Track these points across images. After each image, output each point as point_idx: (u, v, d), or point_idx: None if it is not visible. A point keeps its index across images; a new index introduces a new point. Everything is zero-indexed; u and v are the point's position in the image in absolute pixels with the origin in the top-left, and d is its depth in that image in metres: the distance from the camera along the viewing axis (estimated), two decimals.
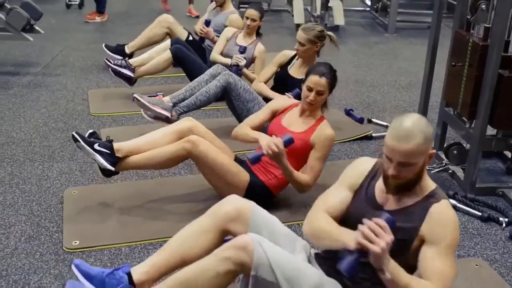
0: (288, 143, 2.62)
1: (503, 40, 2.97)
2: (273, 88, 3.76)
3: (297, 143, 2.75)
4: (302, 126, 2.85)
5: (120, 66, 4.36)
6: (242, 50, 4.10)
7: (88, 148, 2.73)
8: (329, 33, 3.63)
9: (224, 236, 2.08)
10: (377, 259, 1.67)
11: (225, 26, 4.63)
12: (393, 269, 1.71)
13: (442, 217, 1.83)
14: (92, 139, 2.80)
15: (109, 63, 4.34)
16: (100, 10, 6.97)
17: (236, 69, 4.01)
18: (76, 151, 3.53)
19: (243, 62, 4.05)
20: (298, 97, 3.30)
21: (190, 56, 4.32)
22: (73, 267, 2.07)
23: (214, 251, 1.94)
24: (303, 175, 2.80)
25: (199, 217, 2.15)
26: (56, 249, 2.58)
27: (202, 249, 2.04)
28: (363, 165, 2.04)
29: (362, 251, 1.68)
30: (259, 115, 3.04)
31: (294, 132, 2.83)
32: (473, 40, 3.10)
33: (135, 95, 3.58)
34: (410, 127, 1.76)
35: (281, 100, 3.13)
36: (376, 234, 1.66)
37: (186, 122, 2.93)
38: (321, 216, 1.95)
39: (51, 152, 3.54)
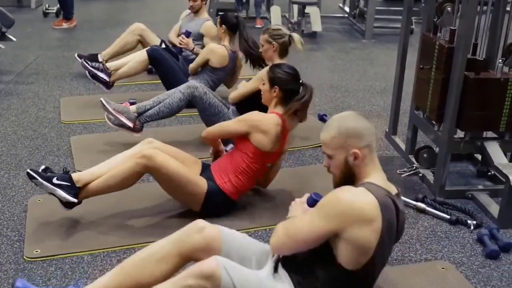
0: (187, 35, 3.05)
1: (469, 42, 2.98)
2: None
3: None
4: None
5: (97, 69, 4.34)
6: (187, 34, 4.49)
7: (47, 183, 2.64)
8: (292, 33, 3.61)
9: (187, 263, 1.96)
10: (289, 212, 2.07)
11: (200, 33, 4.64)
12: (292, 219, 1.98)
13: (336, 190, 1.87)
14: (49, 173, 2.72)
15: (86, 64, 4.30)
16: (67, 16, 6.96)
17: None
18: (44, 160, 3.48)
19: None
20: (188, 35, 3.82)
21: (166, 59, 4.30)
22: None
23: (175, 276, 1.85)
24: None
25: (160, 241, 2.06)
26: (16, 258, 2.52)
27: (161, 276, 1.95)
28: None
29: None
30: None
31: None
32: (439, 42, 3.10)
33: (101, 99, 3.53)
34: (331, 120, 1.94)
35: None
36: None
37: (147, 144, 2.86)
38: None
39: (18, 161, 3.48)
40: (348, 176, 1.90)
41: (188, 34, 4.56)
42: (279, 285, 1.91)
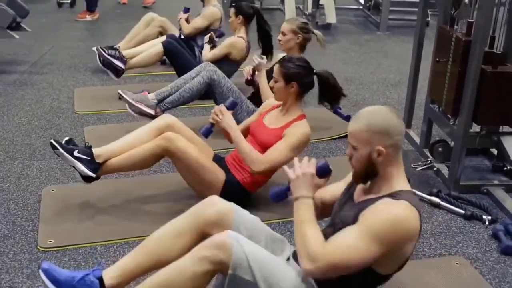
0: (231, 106, 2.76)
1: (487, 35, 2.93)
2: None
3: (267, 139, 2.75)
4: (279, 123, 2.80)
5: (113, 56, 4.33)
6: (185, 11, 4.74)
7: (67, 155, 2.67)
8: (316, 31, 3.59)
9: (203, 238, 1.98)
10: (293, 185, 1.86)
11: None
12: (303, 202, 1.82)
13: (382, 206, 1.72)
14: (71, 146, 2.74)
15: (103, 52, 4.30)
16: (91, 8, 6.93)
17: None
18: None
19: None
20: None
21: (181, 51, 4.33)
22: (40, 272, 1.98)
23: (190, 250, 1.88)
24: (257, 152, 2.70)
25: (176, 218, 2.09)
26: (30, 248, 2.54)
27: (179, 252, 1.97)
28: None
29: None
30: (250, 118, 3.07)
31: (269, 128, 2.80)
32: (456, 35, 3.06)
33: (119, 91, 3.56)
34: (362, 112, 1.84)
35: (266, 101, 3.10)
36: (301, 166, 1.87)
37: (165, 119, 2.89)
38: None
39: (32, 151, 3.50)
40: (369, 172, 1.82)
41: (186, 10, 4.73)
42: (293, 271, 1.88)
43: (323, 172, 1.96)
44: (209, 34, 4.35)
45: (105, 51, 4.30)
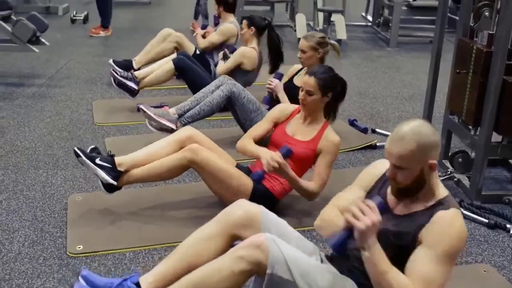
0: (287, 155, 2.64)
1: (507, 46, 2.98)
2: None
3: (302, 152, 2.80)
4: (308, 135, 2.85)
5: (126, 78, 4.38)
6: (279, 77, 3.75)
7: (89, 163, 2.73)
8: (331, 41, 3.66)
9: (233, 241, 2.05)
10: (361, 236, 1.69)
11: None
12: (375, 252, 1.71)
13: (445, 223, 1.75)
14: (93, 154, 2.79)
15: (115, 74, 4.35)
16: (105, 24, 7.01)
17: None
18: None
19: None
20: (280, 78, 3.65)
21: (192, 67, 4.35)
22: (80, 279, 2.03)
23: (228, 250, 1.91)
24: (310, 183, 2.78)
25: (207, 222, 2.12)
26: (60, 253, 2.56)
27: (210, 255, 2.00)
28: (378, 167, 2.03)
29: (350, 229, 1.72)
30: (261, 125, 3.04)
31: (300, 141, 2.83)
32: (477, 47, 3.11)
33: (140, 106, 3.58)
34: (405, 132, 1.74)
35: (280, 106, 3.12)
36: (364, 213, 1.70)
37: (186, 131, 2.92)
38: (331, 210, 1.99)
39: (55, 160, 3.54)
40: (418, 185, 1.80)
41: (204, 26, 4.69)
42: (329, 267, 1.94)
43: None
44: (223, 51, 4.42)
45: (117, 73, 4.35)
